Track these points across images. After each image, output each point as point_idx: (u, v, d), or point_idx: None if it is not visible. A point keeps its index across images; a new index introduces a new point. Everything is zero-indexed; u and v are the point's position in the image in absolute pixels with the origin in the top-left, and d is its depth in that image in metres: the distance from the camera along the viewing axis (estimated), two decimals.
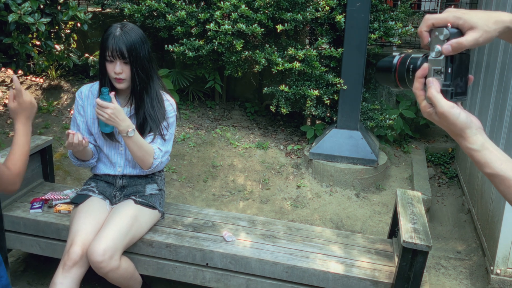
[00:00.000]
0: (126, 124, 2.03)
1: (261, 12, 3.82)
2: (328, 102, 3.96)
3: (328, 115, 4.14)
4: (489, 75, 3.46)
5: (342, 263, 2.15)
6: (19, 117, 1.58)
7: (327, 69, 3.96)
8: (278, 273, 2.13)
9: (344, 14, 3.75)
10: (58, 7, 3.60)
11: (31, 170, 2.62)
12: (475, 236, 3.31)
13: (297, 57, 3.81)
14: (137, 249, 2.23)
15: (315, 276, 2.10)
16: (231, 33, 3.79)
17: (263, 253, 2.18)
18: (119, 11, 4.46)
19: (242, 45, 3.82)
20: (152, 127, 2.17)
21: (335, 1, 3.78)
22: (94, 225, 2.07)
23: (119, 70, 2.05)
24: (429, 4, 7.55)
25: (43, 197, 2.48)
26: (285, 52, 3.90)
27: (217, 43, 3.89)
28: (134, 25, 2.13)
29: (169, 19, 3.91)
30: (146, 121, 2.17)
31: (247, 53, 3.94)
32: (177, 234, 2.28)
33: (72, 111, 4.34)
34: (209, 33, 3.85)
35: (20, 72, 4.09)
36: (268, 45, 3.99)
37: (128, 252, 2.19)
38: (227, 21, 3.79)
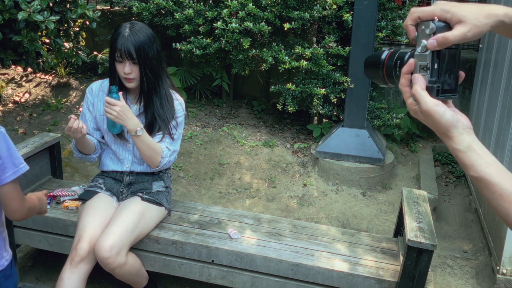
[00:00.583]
0: (134, 122, 2.05)
1: (269, 11, 3.82)
2: (335, 100, 3.95)
3: (335, 113, 4.14)
4: (497, 73, 3.44)
5: (347, 261, 2.16)
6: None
7: (334, 67, 3.96)
8: (283, 270, 2.14)
9: (351, 13, 3.75)
10: (67, 5, 3.63)
11: (40, 167, 2.65)
12: (482, 236, 3.30)
13: (304, 55, 3.81)
14: (144, 245, 2.25)
15: (320, 274, 2.11)
16: (238, 31, 3.80)
17: (268, 250, 2.19)
18: (127, 9, 4.48)
19: (249, 44, 3.83)
20: (161, 127, 2.19)
21: None
22: (101, 221, 2.10)
23: (128, 71, 2.07)
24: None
25: (51, 193, 2.51)
26: (292, 51, 3.90)
27: (224, 41, 3.90)
28: (143, 24, 2.14)
29: (177, 17, 3.93)
30: (155, 120, 2.19)
31: (254, 51, 3.94)
32: (183, 231, 2.30)
33: (80, 109, 4.37)
34: (216, 31, 3.86)
35: (29, 69, 4.13)
36: (275, 44, 4.00)
37: (135, 248, 2.21)
38: (234, 19, 3.80)
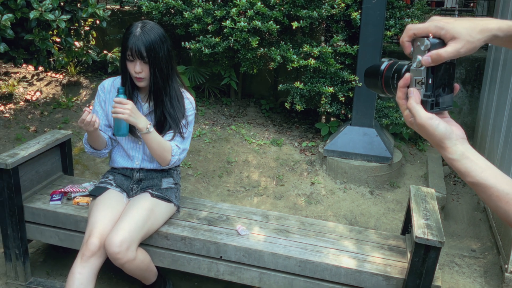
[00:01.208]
0: (145, 120, 2.08)
1: (277, 9, 3.84)
2: (343, 99, 3.96)
3: (343, 112, 4.14)
4: (506, 72, 3.43)
5: (355, 258, 2.17)
6: None
7: (342, 66, 3.96)
8: (290, 267, 2.16)
9: (359, 11, 3.75)
10: (78, 4, 3.67)
11: (51, 163, 2.69)
12: (490, 235, 3.29)
13: (312, 54, 3.82)
14: (153, 241, 2.28)
15: (328, 271, 2.12)
16: (247, 30, 3.82)
17: (276, 247, 2.20)
18: (137, 8, 4.52)
19: (257, 42, 3.84)
20: (172, 125, 2.21)
21: None
22: (112, 217, 2.13)
23: (139, 70, 2.10)
24: (451, 1, 7.49)
25: (62, 190, 2.55)
26: (301, 49, 3.91)
27: (233, 40, 3.92)
28: (154, 23, 2.16)
29: (186, 16, 3.96)
30: (165, 118, 2.21)
31: (262, 50, 3.96)
32: (192, 227, 2.32)
33: (90, 107, 4.42)
34: (225, 30, 3.89)
35: (40, 68, 4.18)
36: (283, 42, 4.01)
37: (144, 244, 2.24)
38: (243, 18, 3.82)
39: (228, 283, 2.35)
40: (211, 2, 4.06)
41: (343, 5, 3.76)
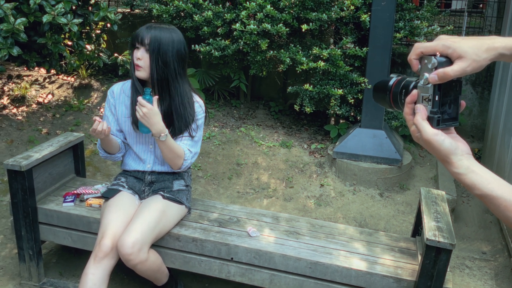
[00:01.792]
0: (159, 128, 2.08)
1: (286, 12, 3.85)
2: (352, 101, 3.97)
3: (352, 114, 4.15)
4: None
5: (365, 260, 2.18)
6: None
7: (351, 68, 3.97)
8: (301, 268, 2.17)
9: (369, 14, 3.76)
10: (90, 8, 3.72)
11: (64, 165, 2.73)
12: (501, 237, 3.28)
13: (321, 56, 3.83)
14: (165, 242, 2.30)
15: (338, 273, 2.13)
16: (256, 33, 3.84)
17: (286, 248, 2.22)
18: (147, 11, 4.56)
19: (267, 45, 3.86)
20: (179, 124, 2.22)
21: (360, 0, 3.79)
22: (124, 218, 2.15)
23: (139, 56, 2.12)
24: (460, 3, 7.46)
25: (75, 191, 2.58)
26: (310, 52, 3.92)
27: (242, 42, 3.94)
28: (174, 27, 2.20)
29: (196, 19, 3.99)
30: (170, 115, 2.21)
31: (272, 52, 3.98)
32: (203, 229, 2.34)
33: (101, 110, 4.46)
34: (234, 33, 3.91)
35: (52, 71, 4.23)
36: (292, 45, 4.03)
37: (156, 245, 2.26)
38: (252, 21, 3.84)
39: (239, 285, 2.36)
40: (221, 5, 4.09)
41: (352, 7, 3.76)
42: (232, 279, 2.29)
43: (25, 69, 4.87)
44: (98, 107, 4.53)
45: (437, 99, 0.83)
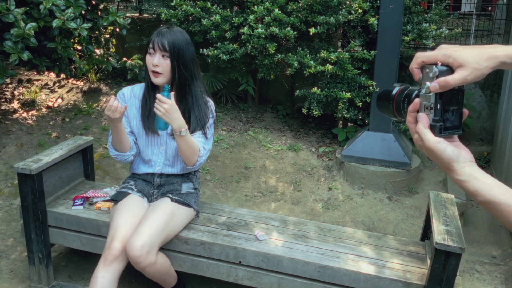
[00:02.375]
0: (180, 123, 2.09)
1: (294, 16, 3.86)
2: (360, 104, 3.96)
3: (360, 117, 4.14)
4: None
5: (374, 264, 2.17)
6: None
7: (359, 71, 3.96)
8: (309, 272, 2.17)
9: (377, 17, 3.76)
10: (99, 12, 3.75)
11: (73, 169, 2.75)
12: (511, 241, 3.25)
13: (329, 59, 3.83)
14: (173, 246, 2.31)
15: (347, 276, 2.12)
16: (264, 36, 3.85)
17: (295, 252, 2.21)
18: (156, 16, 4.59)
19: (275, 48, 3.87)
20: (195, 125, 2.24)
21: (368, 3, 3.79)
22: (133, 221, 2.16)
23: (156, 62, 2.14)
24: (469, 6, 7.42)
25: (84, 195, 2.60)
26: (318, 55, 3.93)
27: (250, 46, 3.95)
28: (182, 29, 2.23)
29: (204, 23, 4.01)
30: (188, 116, 2.24)
31: (279, 56, 3.99)
32: (211, 232, 2.34)
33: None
34: (242, 36, 3.92)
35: (62, 75, 4.26)
36: (300, 48, 4.03)
37: (164, 248, 2.27)
38: (260, 25, 3.85)
39: None
40: (228, 10, 4.11)
41: (360, 11, 3.76)
42: (240, 283, 2.29)
43: (35, 73, 4.93)
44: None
45: (439, 107, 0.84)
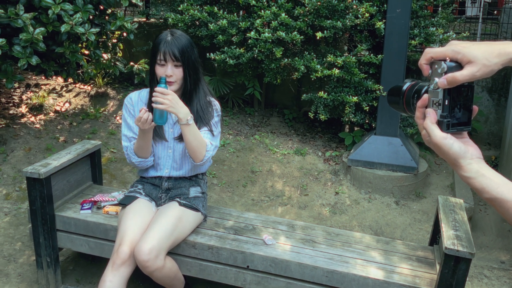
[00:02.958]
0: (186, 111, 2.10)
1: (301, 20, 3.87)
2: (367, 108, 3.95)
3: (367, 121, 4.13)
4: None
5: (382, 269, 2.16)
6: None
7: (366, 75, 3.96)
8: (317, 277, 2.16)
9: (384, 21, 3.75)
10: (106, 17, 3.77)
11: (82, 173, 2.76)
12: None
13: (336, 63, 3.83)
14: (181, 250, 2.31)
15: (355, 281, 2.11)
16: (271, 41, 3.86)
17: (302, 257, 2.21)
18: (163, 20, 4.61)
19: (281, 53, 3.88)
20: (199, 124, 2.25)
21: (375, 8, 3.79)
22: (141, 225, 2.16)
23: (170, 73, 2.15)
24: (474, 10, 7.41)
25: (92, 199, 2.60)
26: (324, 59, 3.93)
27: (257, 50, 3.96)
28: (182, 32, 2.24)
29: (211, 28, 4.02)
30: (195, 116, 2.25)
31: (286, 60, 3.99)
32: (219, 236, 2.34)
33: (117, 118, 4.51)
34: (249, 41, 3.93)
35: (70, 79, 4.29)
36: (307, 52, 4.03)
37: (172, 253, 2.27)
38: (267, 29, 3.86)
39: None
40: (235, 14, 4.12)
41: (367, 15, 3.76)
42: (248, 287, 2.29)
43: (43, 78, 4.95)
44: (114, 115, 4.57)
45: (447, 103, 0.84)
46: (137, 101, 2.37)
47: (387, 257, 2.26)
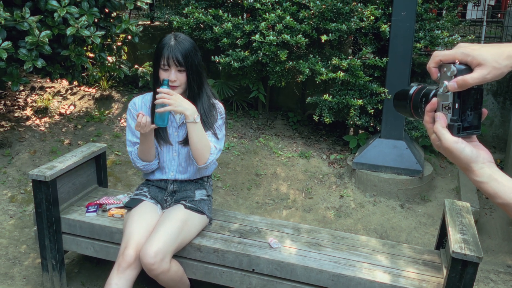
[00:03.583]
0: (193, 108, 2.11)
1: (306, 23, 3.87)
2: (372, 111, 3.94)
3: (371, 124, 4.12)
4: None
5: (389, 273, 2.14)
6: None
7: (371, 78, 3.95)
8: (323, 280, 2.15)
9: (389, 24, 3.75)
10: (112, 20, 3.78)
11: (87, 176, 2.76)
12: None
13: (341, 66, 3.83)
14: (186, 253, 2.30)
15: (361, 285, 2.10)
16: (275, 43, 3.86)
17: (308, 260, 2.20)
18: (168, 23, 4.62)
19: (286, 56, 3.88)
20: (205, 126, 2.25)
21: (380, 11, 3.79)
22: (147, 228, 2.16)
23: (174, 78, 2.15)
24: (475, 13, 7.39)
25: (97, 201, 2.60)
26: (329, 62, 3.92)
27: (261, 53, 3.96)
28: (185, 35, 2.24)
29: (216, 31, 4.02)
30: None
31: (291, 63, 3.99)
32: (224, 239, 2.34)
33: (122, 120, 4.51)
34: (254, 44, 3.93)
35: (74, 82, 4.30)
36: (312, 55, 4.03)
37: (177, 256, 2.27)
38: (272, 32, 3.86)
39: None
40: (240, 17, 4.12)
41: (372, 18, 3.76)
42: None
43: (48, 80, 4.97)
44: (119, 118, 4.58)
45: (457, 107, 0.83)
46: (140, 105, 2.37)
47: (393, 260, 2.25)
